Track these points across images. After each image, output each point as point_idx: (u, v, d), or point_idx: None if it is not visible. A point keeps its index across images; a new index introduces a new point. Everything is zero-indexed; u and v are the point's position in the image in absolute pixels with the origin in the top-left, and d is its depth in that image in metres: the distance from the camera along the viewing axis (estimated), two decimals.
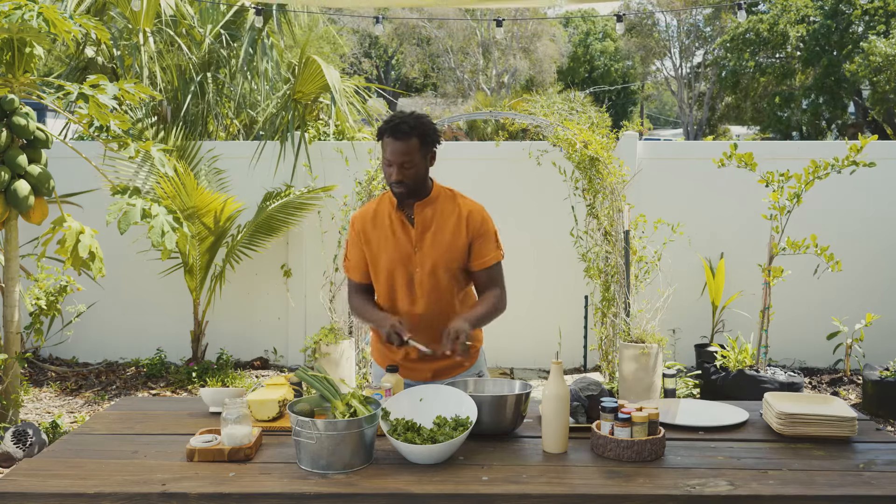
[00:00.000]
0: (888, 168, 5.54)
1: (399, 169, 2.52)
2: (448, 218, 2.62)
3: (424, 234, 2.61)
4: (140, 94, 4.26)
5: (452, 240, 2.60)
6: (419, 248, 2.61)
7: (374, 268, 2.68)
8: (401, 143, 2.50)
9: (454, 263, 2.61)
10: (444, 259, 2.60)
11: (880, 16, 18.40)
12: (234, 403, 2.16)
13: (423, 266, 2.60)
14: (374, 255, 2.67)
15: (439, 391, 2.30)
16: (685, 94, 26.53)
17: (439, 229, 2.61)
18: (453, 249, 2.60)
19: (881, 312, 5.49)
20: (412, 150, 2.51)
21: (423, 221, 2.61)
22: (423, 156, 2.56)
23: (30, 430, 4.12)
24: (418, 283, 2.61)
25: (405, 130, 2.50)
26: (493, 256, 2.65)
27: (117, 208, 4.18)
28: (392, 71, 28.69)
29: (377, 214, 2.68)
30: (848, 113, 21.75)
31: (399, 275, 2.62)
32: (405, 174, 2.53)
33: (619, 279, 5.35)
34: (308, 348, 5.23)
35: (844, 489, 1.94)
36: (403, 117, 2.53)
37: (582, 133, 5.37)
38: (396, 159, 2.51)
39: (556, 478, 2.01)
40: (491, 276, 2.67)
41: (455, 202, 2.65)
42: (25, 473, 2.04)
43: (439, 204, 2.63)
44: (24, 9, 3.99)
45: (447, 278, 2.62)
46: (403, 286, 2.63)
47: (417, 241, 2.61)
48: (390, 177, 2.54)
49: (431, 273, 2.60)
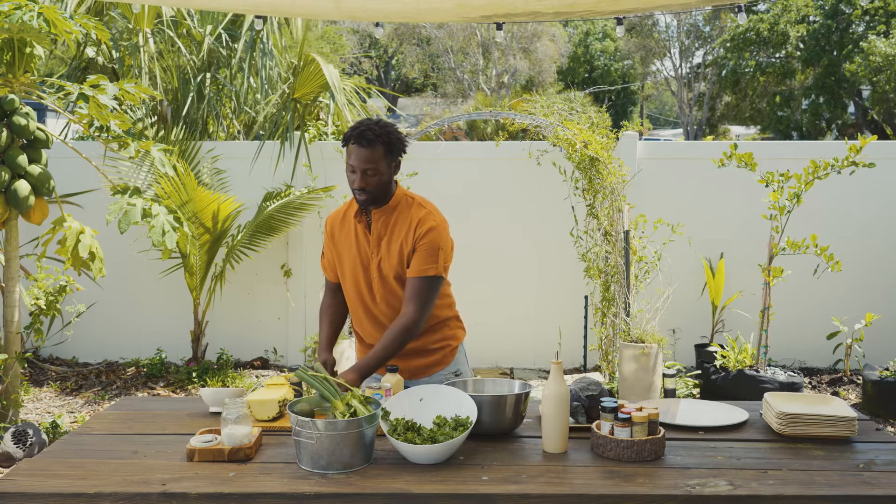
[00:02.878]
0: (888, 168, 5.54)
1: (362, 176, 2.50)
2: (401, 226, 2.60)
3: (380, 241, 2.61)
4: (140, 94, 4.26)
5: (400, 248, 2.58)
6: (375, 254, 2.62)
7: (341, 269, 2.72)
8: (366, 151, 2.49)
9: (402, 271, 2.59)
10: (395, 267, 2.59)
11: (880, 16, 18.41)
12: (234, 403, 2.16)
13: (380, 272, 2.61)
14: (339, 257, 2.71)
15: (439, 391, 2.30)
16: (685, 94, 26.54)
17: (392, 237, 2.60)
18: (401, 257, 2.58)
19: (881, 312, 5.49)
20: (377, 157, 2.50)
21: (378, 229, 2.62)
22: (387, 164, 2.54)
23: (30, 430, 4.12)
24: (376, 288, 2.63)
25: (370, 138, 2.48)
26: (423, 269, 2.54)
27: (117, 208, 4.18)
28: (392, 71, 28.69)
29: (345, 217, 2.70)
30: (848, 113, 21.76)
31: (360, 278, 2.65)
32: (368, 181, 2.51)
33: (619, 279, 5.35)
34: (308, 348, 5.24)
35: (844, 489, 1.94)
36: (370, 124, 2.51)
37: (582, 133, 5.38)
38: (360, 166, 2.50)
39: (556, 478, 2.01)
40: (413, 289, 2.54)
41: (410, 211, 2.60)
42: (25, 473, 2.04)
43: (397, 212, 2.62)
44: (25, 9, 3.99)
45: (398, 286, 2.61)
46: (364, 290, 2.65)
47: (374, 248, 2.62)
48: (353, 183, 2.53)
49: (385, 279, 2.61)
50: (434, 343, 2.70)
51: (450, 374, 2.73)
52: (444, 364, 2.74)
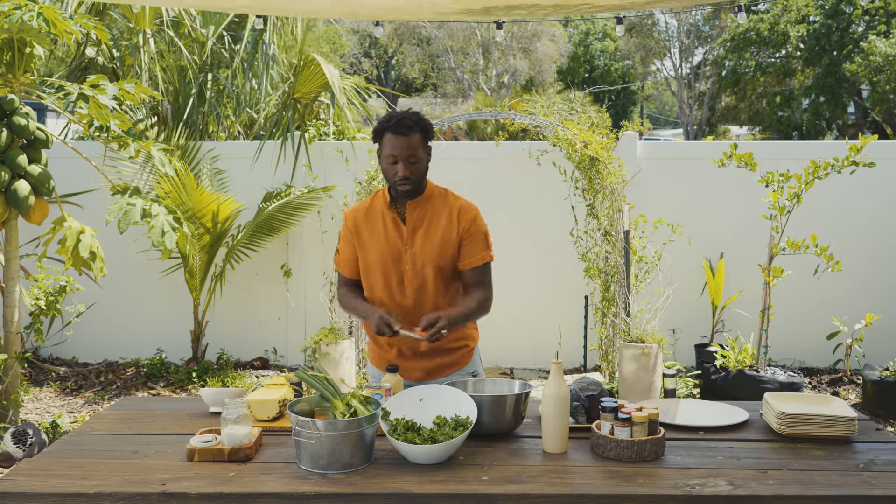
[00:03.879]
0: (888, 168, 5.54)
1: (405, 164, 2.50)
2: (439, 216, 2.62)
3: (415, 232, 2.61)
4: (140, 95, 4.26)
5: (443, 238, 2.60)
6: (409, 246, 2.61)
7: (365, 264, 2.68)
8: (405, 139, 2.49)
9: (444, 262, 2.61)
10: (434, 258, 2.60)
11: (881, 16, 18.41)
12: (234, 403, 2.16)
13: (413, 264, 2.61)
14: (365, 252, 2.67)
15: (439, 391, 2.30)
16: (685, 94, 26.54)
17: (430, 228, 2.61)
18: (444, 248, 2.60)
19: (881, 312, 5.49)
20: (416, 144, 2.52)
21: (414, 220, 2.62)
22: (425, 150, 2.57)
23: (30, 430, 4.12)
24: (408, 281, 2.62)
25: (409, 125, 2.50)
26: (480, 257, 2.64)
27: (117, 208, 4.18)
28: (392, 71, 28.69)
29: (370, 211, 2.68)
30: (848, 113, 21.75)
31: (389, 272, 2.63)
32: (411, 169, 2.52)
33: (619, 279, 5.35)
34: (308, 348, 5.24)
35: (844, 489, 1.94)
36: (404, 114, 2.53)
37: (582, 133, 5.38)
38: (403, 154, 2.50)
39: (556, 478, 2.01)
40: (478, 276, 2.66)
41: (447, 200, 2.65)
42: (25, 473, 2.04)
43: (431, 203, 2.63)
44: (24, 9, 3.99)
45: (436, 277, 2.62)
46: (393, 283, 2.63)
47: (408, 240, 2.61)
48: (395, 175, 2.52)
49: (420, 271, 2.61)
50: (453, 342, 2.69)
51: (467, 375, 2.72)
52: (462, 365, 2.74)
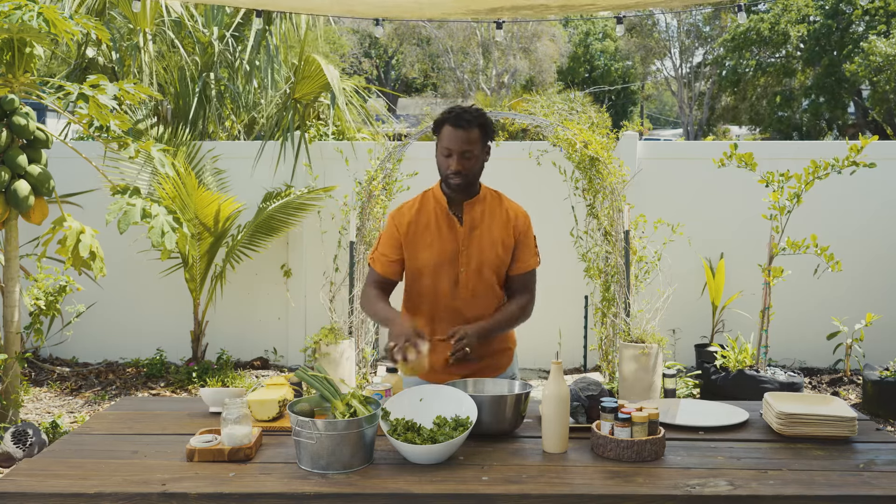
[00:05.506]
0: (888, 168, 5.54)
1: (459, 159, 2.48)
2: (495, 218, 2.61)
3: (472, 232, 2.58)
4: (140, 95, 4.26)
5: (500, 240, 2.59)
6: (466, 246, 2.58)
7: (416, 265, 2.60)
8: (463, 132, 2.47)
9: (499, 263, 2.60)
10: (491, 259, 2.58)
11: (881, 16, 18.41)
12: (234, 403, 2.15)
13: (469, 265, 2.57)
14: (416, 252, 2.59)
15: (439, 391, 2.30)
16: (685, 94, 26.54)
17: (487, 229, 2.59)
18: (500, 250, 2.59)
19: (881, 312, 5.49)
20: (474, 140, 2.49)
21: (471, 220, 2.59)
22: (482, 148, 2.54)
23: (30, 430, 4.12)
24: (463, 282, 2.58)
25: (468, 119, 2.48)
26: (530, 263, 2.67)
27: (117, 208, 4.18)
28: (392, 71, 28.68)
29: (420, 212, 2.62)
30: (848, 113, 21.75)
31: (444, 273, 2.58)
32: (464, 165, 2.49)
33: (619, 279, 5.35)
34: (308, 348, 5.23)
35: (844, 489, 1.94)
36: (464, 108, 2.52)
37: (582, 133, 5.37)
38: (458, 148, 2.47)
39: (556, 478, 2.01)
40: (524, 282, 2.67)
41: (502, 203, 2.66)
42: (25, 473, 2.04)
43: (487, 204, 2.63)
44: (24, 9, 3.99)
45: (492, 278, 2.60)
46: (448, 283, 2.58)
47: (465, 240, 2.58)
48: (448, 168, 2.49)
49: (477, 272, 2.58)
50: (499, 342, 2.69)
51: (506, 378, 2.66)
52: (503, 369, 2.73)
